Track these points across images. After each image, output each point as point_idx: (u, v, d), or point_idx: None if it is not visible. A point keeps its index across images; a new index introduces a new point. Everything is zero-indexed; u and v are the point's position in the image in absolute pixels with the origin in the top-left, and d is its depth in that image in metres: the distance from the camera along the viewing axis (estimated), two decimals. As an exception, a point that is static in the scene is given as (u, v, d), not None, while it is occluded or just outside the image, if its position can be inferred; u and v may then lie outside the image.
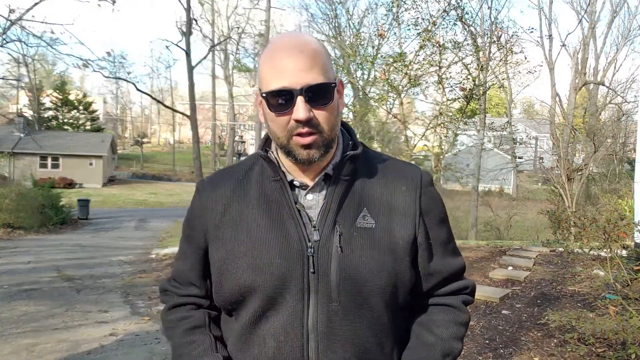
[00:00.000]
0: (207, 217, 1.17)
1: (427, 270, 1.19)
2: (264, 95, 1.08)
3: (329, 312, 1.07)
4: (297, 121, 1.06)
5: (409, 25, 9.74)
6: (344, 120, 1.28)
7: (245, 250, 1.11)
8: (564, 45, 30.59)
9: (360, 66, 10.34)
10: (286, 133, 1.08)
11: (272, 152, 1.18)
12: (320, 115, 1.08)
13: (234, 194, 1.17)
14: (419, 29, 9.27)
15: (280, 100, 1.06)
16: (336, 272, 1.07)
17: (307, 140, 1.07)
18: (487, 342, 4.42)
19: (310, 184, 1.15)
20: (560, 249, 7.65)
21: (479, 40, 10.90)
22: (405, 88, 9.85)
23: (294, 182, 1.15)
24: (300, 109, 1.05)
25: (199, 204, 1.21)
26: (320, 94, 1.07)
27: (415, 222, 1.16)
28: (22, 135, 34.06)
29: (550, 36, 23.78)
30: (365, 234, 1.10)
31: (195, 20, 21.40)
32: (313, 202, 1.14)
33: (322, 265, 1.07)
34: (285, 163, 1.16)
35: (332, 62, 1.16)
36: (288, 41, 1.09)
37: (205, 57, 26.41)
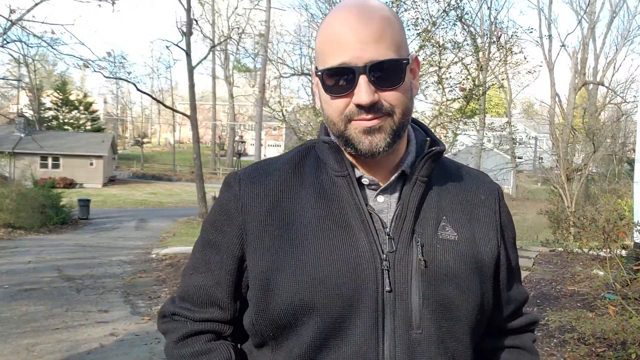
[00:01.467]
0: (246, 217, 0.92)
1: (505, 296, 1.02)
2: (318, 73, 0.88)
3: (410, 341, 0.85)
4: (358, 106, 0.86)
5: (408, 26, 9.75)
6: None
7: (301, 260, 0.87)
8: (563, 45, 30.66)
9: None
10: (343, 117, 0.88)
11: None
12: (388, 97, 0.87)
13: (283, 190, 0.94)
14: (418, 29, 9.28)
15: (338, 79, 0.86)
16: (418, 292, 0.86)
17: (372, 122, 0.87)
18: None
19: (382, 182, 0.93)
20: (560, 249, 7.66)
21: (479, 40, 10.92)
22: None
23: (363, 180, 0.93)
24: (363, 91, 0.84)
25: (234, 200, 0.95)
26: (389, 73, 0.86)
27: (497, 237, 0.98)
28: (22, 135, 34.05)
29: (549, 36, 23.82)
30: (449, 246, 0.91)
31: (196, 21, 21.41)
32: (384, 205, 0.93)
33: (400, 282, 0.86)
34: (347, 156, 0.94)
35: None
36: (351, 7, 0.87)
37: (205, 57, 26.38)
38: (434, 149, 0.94)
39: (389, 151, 0.90)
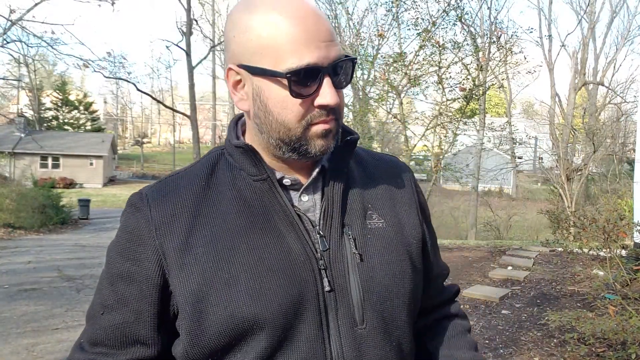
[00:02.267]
0: (163, 241, 0.84)
1: (433, 272, 1.03)
2: (287, 75, 0.80)
3: (356, 337, 0.83)
4: (321, 107, 0.82)
5: (408, 26, 9.76)
6: None
7: (233, 275, 0.81)
8: (563, 45, 30.73)
9: (360, 66, 10.35)
10: (304, 122, 0.83)
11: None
12: (340, 97, 0.85)
13: (199, 205, 0.87)
14: (418, 29, 9.29)
15: (304, 81, 0.80)
16: (357, 287, 0.85)
17: (329, 125, 0.84)
18: (487, 342, 4.43)
19: (303, 181, 0.89)
20: (560, 249, 7.67)
21: (479, 40, 10.92)
22: (405, 88, 9.86)
23: (284, 181, 0.88)
24: (330, 92, 0.81)
25: (144, 223, 0.85)
26: (346, 73, 0.84)
27: (419, 217, 0.98)
28: (22, 135, 34.08)
29: (549, 36, 23.83)
30: (379, 235, 0.90)
31: (196, 21, 21.42)
32: (309, 203, 0.89)
33: (339, 279, 0.84)
34: (267, 159, 0.89)
35: None
36: (295, 1, 0.82)
37: (205, 57, 26.40)
38: (347, 138, 0.91)
39: None
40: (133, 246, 0.86)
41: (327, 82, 0.81)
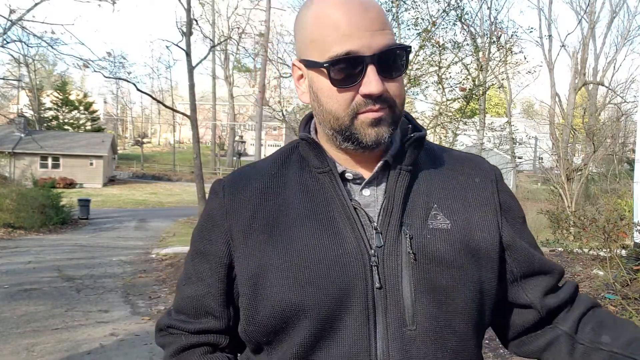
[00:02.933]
0: (231, 224, 0.90)
1: (526, 278, 0.95)
2: (325, 65, 0.82)
3: (404, 338, 0.81)
4: (366, 96, 0.83)
5: (408, 26, 9.76)
6: None
7: (287, 261, 0.84)
8: (563, 45, 30.75)
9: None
10: (350, 111, 0.84)
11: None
12: (392, 87, 0.85)
13: (266, 193, 0.92)
14: (418, 29, 9.29)
15: (345, 70, 0.82)
16: (410, 287, 0.83)
17: (378, 114, 0.84)
18: (487, 342, 4.42)
19: (366, 175, 0.90)
20: (560, 249, 7.66)
21: (479, 40, 10.92)
22: (405, 88, 9.84)
23: (346, 175, 0.90)
24: (373, 81, 0.81)
25: (218, 207, 0.93)
26: (395, 62, 0.84)
27: (498, 220, 0.93)
28: (22, 135, 34.07)
29: (549, 36, 23.83)
30: (440, 236, 0.86)
31: (196, 21, 21.39)
32: (371, 198, 0.89)
33: (390, 277, 0.83)
34: (333, 152, 0.91)
35: None
36: None
37: (205, 57, 26.30)
38: (413, 135, 0.91)
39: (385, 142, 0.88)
40: (208, 227, 0.94)
41: (371, 70, 0.82)
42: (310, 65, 0.86)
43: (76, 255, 10.77)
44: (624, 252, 5.55)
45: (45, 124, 42.34)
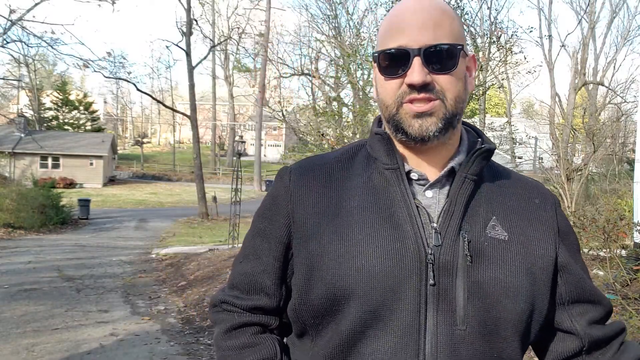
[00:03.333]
0: (294, 207, 0.94)
1: (576, 295, 0.96)
2: (375, 54, 0.92)
3: (453, 337, 0.84)
4: (410, 86, 0.88)
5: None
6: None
7: (345, 247, 0.88)
8: (563, 45, 30.75)
9: (360, 66, 10.35)
10: (396, 99, 0.90)
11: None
12: (441, 80, 0.88)
13: (331, 182, 0.96)
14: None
15: (393, 61, 0.89)
16: (463, 287, 0.85)
17: (423, 107, 0.88)
18: None
19: (431, 177, 0.93)
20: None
21: (479, 40, 10.91)
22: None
23: (412, 174, 0.93)
24: (416, 71, 0.87)
25: (283, 190, 0.97)
26: (443, 58, 0.88)
27: (556, 241, 0.95)
28: (22, 135, 34.05)
29: (549, 36, 23.82)
30: (498, 246, 0.89)
31: (196, 21, 21.43)
32: (433, 200, 0.92)
33: (445, 277, 0.85)
34: (401, 150, 0.95)
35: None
36: (413, 1, 0.93)
37: (205, 57, 26.39)
38: (483, 146, 0.95)
39: (441, 138, 0.91)
40: (271, 208, 0.99)
41: (416, 62, 0.87)
42: (373, 60, 0.95)
43: (76, 255, 10.77)
44: (624, 252, 5.55)
45: (45, 124, 42.31)
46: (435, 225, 0.89)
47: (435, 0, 0.92)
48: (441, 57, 0.88)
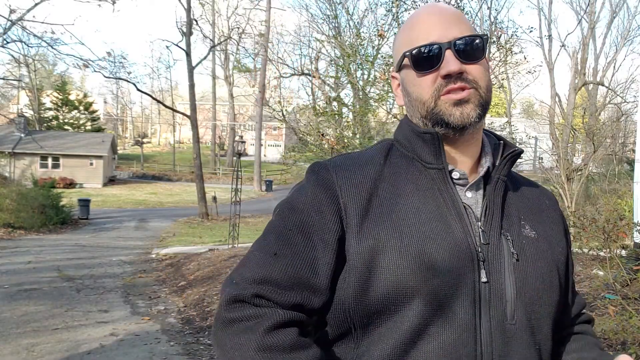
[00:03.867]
0: (347, 201, 0.91)
1: (571, 297, 1.07)
2: (407, 54, 0.95)
3: (505, 332, 0.87)
4: (446, 76, 0.91)
5: (408, 26, 9.74)
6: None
7: (406, 245, 0.87)
8: (563, 45, 30.74)
9: (360, 66, 10.35)
10: (433, 93, 0.93)
11: None
12: (472, 70, 0.93)
13: (379, 179, 0.94)
14: (418, 29, 9.27)
15: (426, 57, 0.93)
16: (512, 284, 0.89)
17: (461, 94, 0.91)
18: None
19: (470, 177, 0.97)
20: (560, 249, 7.65)
21: (479, 40, 10.92)
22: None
23: (453, 174, 0.95)
24: (451, 61, 0.91)
25: (329, 183, 0.92)
26: (471, 48, 0.93)
27: (567, 238, 1.05)
28: (22, 135, 34.06)
29: (549, 36, 23.80)
30: (532, 244, 0.95)
31: (196, 21, 21.44)
32: (473, 200, 0.95)
33: (495, 274, 0.89)
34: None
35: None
36: (429, 7, 0.99)
37: (205, 57, 26.43)
38: (515, 149, 0.98)
39: (477, 127, 0.94)
40: (317, 200, 0.92)
41: (448, 54, 0.91)
42: (400, 63, 0.98)
43: (76, 255, 10.78)
44: (623, 252, 5.55)
45: (45, 124, 42.32)
46: (480, 224, 0.92)
47: (446, 5, 0.98)
48: (470, 48, 0.93)
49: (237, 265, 0.92)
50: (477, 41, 0.94)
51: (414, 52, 0.94)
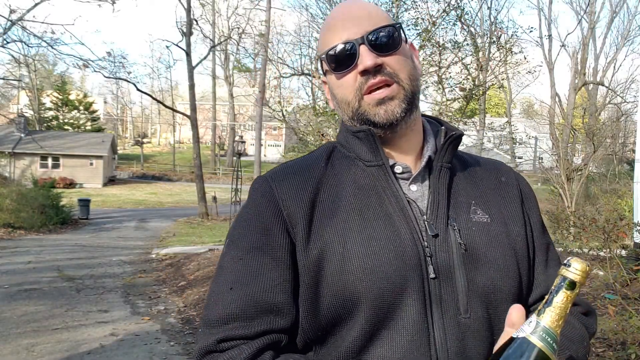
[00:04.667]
0: (290, 212, 0.89)
1: (542, 277, 0.98)
2: (323, 57, 0.93)
3: (460, 326, 0.84)
4: (364, 72, 0.90)
5: (408, 26, 9.76)
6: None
7: (348, 250, 0.85)
8: (563, 45, 30.77)
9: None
10: (355, 93, 0.91)
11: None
12: (391, 61, 0.91)
13: (321, 183, 0.93)
14: (418, 29, 9.29)
15: (341, 57, 0.91)
16: (462, 276, 0.86)
17: (383, 92, 0.90)
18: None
19: (413, 170, 0.94)
20: (560, 249, 7.66)
21: (479, 40, 10.92)
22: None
23: (396, 168, 0.94)
24: (365, 56, 0.89)
25: (270, 198, 0.91)
26: (385, 39, 0.91)
27: (523, 213, 0.99)
28: (22, 135, 34.06)
29: (549, 36, 23.84)
30: (483, 229, 0.91)
31: (196, 21, 21.44)
32: (418, 193, 0.93)
33: (444, 268, 0.86)
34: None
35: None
36: (341, 5, 0.97)
37: (205, 57, 26.44)
38: (454, 132, 0.96)
39: (408, 121, 0.92)
40: (262, 219, 0.90)
41: (362, 49, 0.90)
42: (322, 68, 0.97)
43: (76, 255, 10.77)
44: (623, 252, 5.55)
45: (45, 124, 42.32)
46: (425, 218, 0.89)
47: (362, 1, 0.97)
48: (384, 39, 0.91)
49: (204, 307, 0.90)
50: (390, 31, 0.92)
51: (329, 53, 0.92)
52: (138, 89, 20.74)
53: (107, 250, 11.80)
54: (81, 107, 43.99)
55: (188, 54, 20.26)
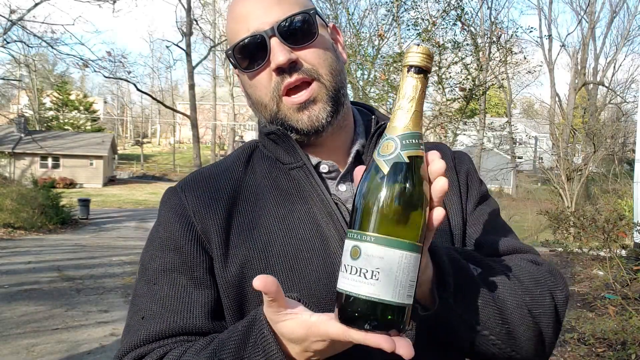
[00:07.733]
0: (204, 226, 0.81)
1: (475, 244, 0.89)
2: (229, 53, 0.82)
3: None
4: (278, 70, 0.78)
5: (408, 26, 9.77)
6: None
7: (270, 265, 0.78)
8: (563, 45, 30.78)
9: (360, 66, 10.36)
10: (272, 95, 0.80)
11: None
12: (307, 55, 0.80)
13: (238, 192, 0.84)
14: (418, 29, 9.30)
15: (250, 52, 0.80)
16: None
17: (303, 96, 0.79)
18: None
19: (342, 168, 0.86)
20: (560, 249, 7.67)
21: (479, 40, 10.91)
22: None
23: (321, 167, 0.85)
24: (278, 51, 0.77)
25: (182, 213, 0.82)
26: (299, 29, 0.80)
27: (462, 200, 0.91)
28: (22, 135, 34.06)
29: (549, 36, 23.84)
30: None
31: (196, 21, 21.44)
32: (348, 193, 0.84)
33: None
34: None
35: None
36: None
37: (205, 57, 26.43)
38: (381, 124, 0.87)
39: (334, 123, 0.82)
40: (174, 236, 0.82)
41: (274, 43, 0.78)
42: (226, 54, 0.83)
43: (76, 255, 10.77)
44: (623, 252, 5.56)
45: (45, 124, 42.33)
46: None
47: None
48: (298, 29, 0.79)
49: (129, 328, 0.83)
50: (304, 18, 0.80)
51: (235, 48, 0.80)
52: (138, 89, 20.73)
53: (107, 250, 11.79)
54: (81, 107, 44.02)
55: (188, 54, 20.25)
